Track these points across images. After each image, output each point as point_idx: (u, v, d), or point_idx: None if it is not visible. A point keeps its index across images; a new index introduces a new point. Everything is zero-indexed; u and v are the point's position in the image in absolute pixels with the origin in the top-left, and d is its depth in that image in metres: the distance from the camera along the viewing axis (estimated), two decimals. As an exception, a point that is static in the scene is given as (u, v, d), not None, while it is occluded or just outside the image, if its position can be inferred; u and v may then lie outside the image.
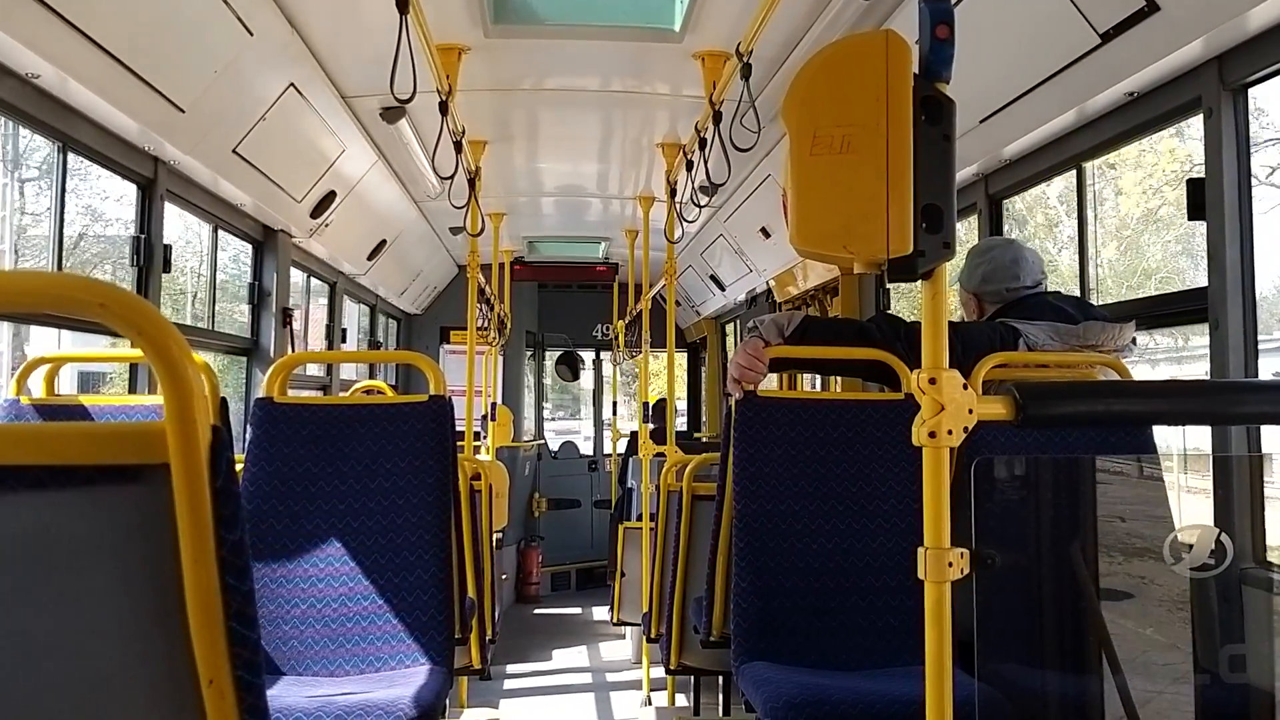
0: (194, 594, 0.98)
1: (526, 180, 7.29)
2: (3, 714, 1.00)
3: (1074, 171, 3.92)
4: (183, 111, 3.81)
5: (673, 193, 5.93)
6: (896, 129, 1.55)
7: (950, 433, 1.53)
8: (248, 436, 3.19)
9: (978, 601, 1.61)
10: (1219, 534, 1.85)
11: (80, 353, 3.99)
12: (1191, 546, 1.84)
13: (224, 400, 3.24)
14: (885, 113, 1.55)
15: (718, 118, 4.42)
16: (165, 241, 4.29)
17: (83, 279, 1.01)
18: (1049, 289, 3.36)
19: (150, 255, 4.21)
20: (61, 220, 3.79)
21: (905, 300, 6.31)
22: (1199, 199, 2.97)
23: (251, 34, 3.78)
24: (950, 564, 1.53)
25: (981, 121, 3.79)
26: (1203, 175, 2.97)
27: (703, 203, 5.30)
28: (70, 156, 3.71)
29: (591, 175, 7.21)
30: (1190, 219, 3.01)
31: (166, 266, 4.32)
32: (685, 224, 5.78)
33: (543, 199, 7.99)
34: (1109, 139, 3.52)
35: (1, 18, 2.79)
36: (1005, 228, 4.43)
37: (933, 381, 1.53)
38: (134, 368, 4.33)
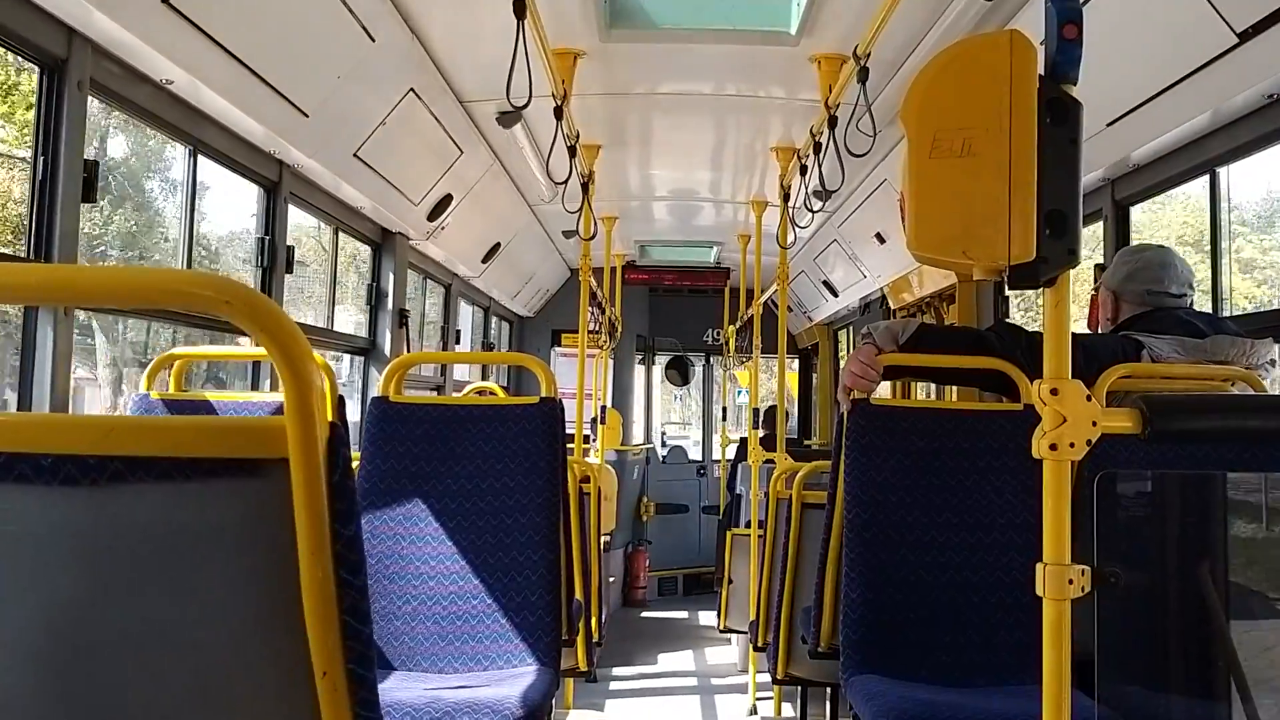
0: (310, 587, 1.00)
1: (639, 184, 7.32)
2: (124, 697, 1.03)
3: (1207, 177, 3.77)
4: (306, 116, 3.91)
5: (786, 197, 5.88)
6: (1020, 131, 1.51)
7: (1072, 445, 1.48)
8: (363, 434, 3.26)
9: (1099, 621, 1.56)
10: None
11: (206, 350, 4.12)
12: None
13: (341, 398, 3.31)
14: (1008, 115, 1.51)
15: (833, 122, 4.37)
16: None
17: (211, 276, 1.04)
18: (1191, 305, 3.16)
19: (274, 256, 4.34)
20: (192, 222, 3.93)
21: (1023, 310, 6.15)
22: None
23: (374, 40, 3.87)
24: (1070, 581, 1.48)
25: (1108, 125, 3.67)
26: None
27: (816, 207, 5.25)
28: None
29: (704, 179, 7.21)
30: None
31: (289, 267, 4.44)
32: (798, 229, 5.74)
33: (655, 203, 8.01)
34: (1246, 143, 3.38)
35: (139, 26, 2.90)
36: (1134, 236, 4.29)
37: (1055, 392, 1.49)
38: (255, 365, 4.46)
